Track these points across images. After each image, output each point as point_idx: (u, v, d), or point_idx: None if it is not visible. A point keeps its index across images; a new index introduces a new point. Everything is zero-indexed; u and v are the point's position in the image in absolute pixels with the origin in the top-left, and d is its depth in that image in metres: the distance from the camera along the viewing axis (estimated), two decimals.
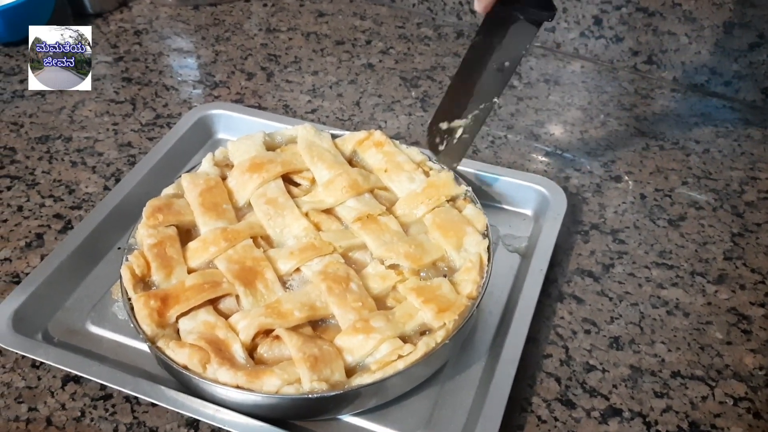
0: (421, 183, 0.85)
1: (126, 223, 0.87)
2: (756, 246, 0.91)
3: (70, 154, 1.03)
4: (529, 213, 0.94)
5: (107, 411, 0.71)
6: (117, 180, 0.98)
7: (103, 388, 0.73)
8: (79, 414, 0.71)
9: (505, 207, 0.95)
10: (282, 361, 0.67)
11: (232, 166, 0.88)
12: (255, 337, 0.69)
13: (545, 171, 1.02)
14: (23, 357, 0.75)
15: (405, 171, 0.86)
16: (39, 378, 0.74)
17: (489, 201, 0.94)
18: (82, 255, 0.84)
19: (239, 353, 0.67)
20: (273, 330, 0.69)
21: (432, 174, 0.87)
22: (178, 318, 0.71)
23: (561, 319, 0.81)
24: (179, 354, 0.67)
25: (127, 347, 0.77)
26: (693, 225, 0.94)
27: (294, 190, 0.86)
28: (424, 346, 0.67)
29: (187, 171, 0.87)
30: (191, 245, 0.78)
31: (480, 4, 0.72)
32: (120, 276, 0.74)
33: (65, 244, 0.83)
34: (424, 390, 0.73)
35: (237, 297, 0.73)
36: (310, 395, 0.64)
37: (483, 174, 0.93)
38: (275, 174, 0.84)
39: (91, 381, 0.72)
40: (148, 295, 0.71)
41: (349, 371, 0.67)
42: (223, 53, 1.28)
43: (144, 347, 0.76)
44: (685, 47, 1.16)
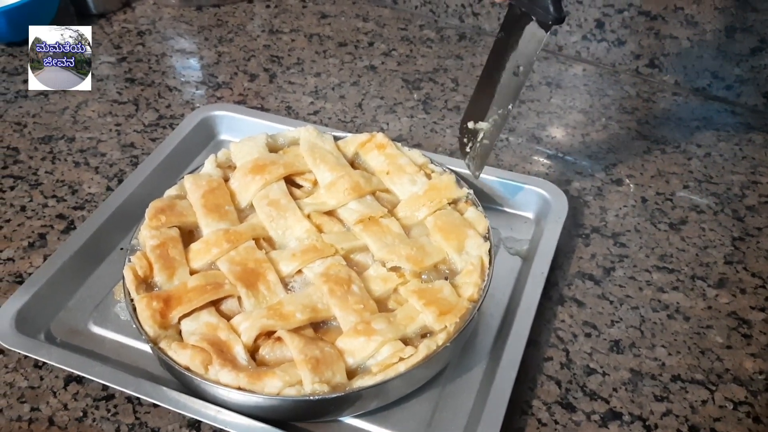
0: (423, 185, 0.85)
1: (129, 224, 0.87)
2: (757, 250, 0.91)
3: (73, 154, 1.04)
4: (531, 216, 0.94)
5: (109, 411, 0.71)
6: (120, 181, 0.98)
7: (105, 388, 0.73)
8: (82, 414, 0.71)
9: (507, 210, 0.95)
10: (283, 363, 0.67)
11: (234, 167, 0.88)
12: (257, 339, 0.69)
13: (547, 174, 1.02)
14: (26, 357, 0.75)
15: (407, 173, 0.87)
16: (41, 378, 0.74)
17: (490, 204, 0.94)
18: (84, 255, 0.84)
19: (241, 355, 0.68)
20: (275, 332, 0.69)
21: (434, 176, 0.87)
22: (180, 319, 0.71)
23: (562, 322, 0.81)
24: (181, 355, 0.67)
25: (129, 348, 0.77)
26: (694, 229, 0.94)
27: (296, 191, 0.86)
28: (425, 348, 0.67)
29: (190, 172, 0.87)
30: (193, 246, 0.78)
31: None
32: (122, 277, 0.74)
33: (68, 244, 0.84)
34: (424, 392, 0.73)
35: (239, 298, 0.73)
36: (311, 397, 0.64)
37: (484, 177, 0.93)
38: (278, 176, 0.85)
39: (94, 381, 0.72)
40: (150, 297, 0.71)
41: (351, 373, 0.68)
42: (226, 54, 1.28)
43: (146, 348, 0.76)
44: (687, 51, 1.16)
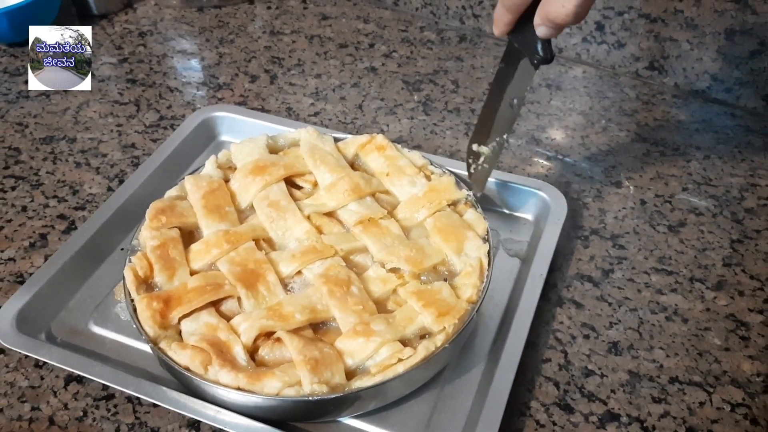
0: (423, 187, 0.85)
1: (129, 225, 0.88)
2: (755, 253, 0.91)
3: (74, 154, 1.04)
4: (530, 218, 0.94)
5: (109, 411, 0.72)
6: (121, 181, 0.99)
7: (106, 388, 0.73)
8: (82, 414, 0.71)
9: (506, 211, 0.96)
10: (283, 364, 0.68)
11: (235, 168, 0.88)
12: (256, 339, 0.70)
13: (546, 176, 1.02)
14: (26, 357, 0.75)
15: (406, 175, 0.87)
16: (42, 378, 0.74)
17: (490, 205, 0.95)
18: (85, 256, 0.84)
19: (240, 355, 0.68)
20: (274, 332, 0.70)
21: (433, 178, 0.87)
22: (180, 319, 0.71)
23: (560, 324, 0.82)
24: (181, 355, 0.67)
25: (130, 348, 0.78)
26: (693, 231, 0.94)
27: (296, 193, 0.86)
28: (423, 349, 0.68)
29: (191, 173, 0.87)
30: (194, 247, 0.78)
31: (496, 29, 0.73)
32: (123, 277, 0.74)
33: (69, 244, 0.84)
34: (423, 393, 0.73)
35: (239, 299, 0.73)
36: (310, 397, 0.64)
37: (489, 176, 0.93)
38: (278, 177, 0.85)
39: (94, 381, 0.72)
40: (150, 297, 0.71)
41: (350, 374, 0.68)
42: (227, 55, 1.28)
43: (146, 348, 0.77)
44: (687, 54, 1.16)
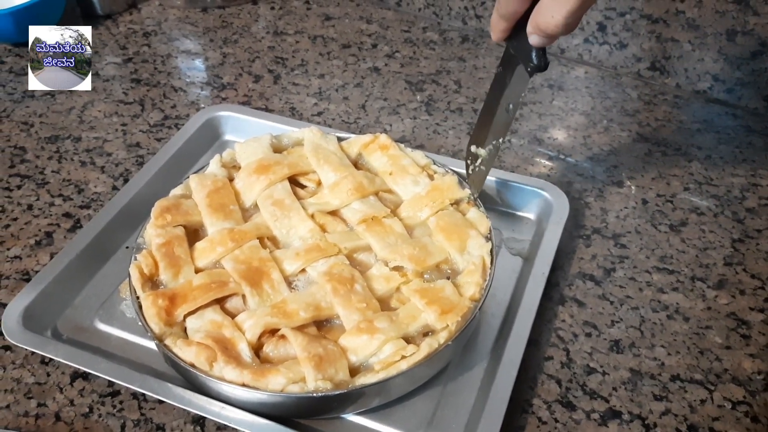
0: (426, 186, 0.86)
1: (134, 223, 0.88)
2: (756, 252, 0.92)
3: (79, 153, 1.05)
4: (532, 217, 0.95)
5: (115, 407, 0.72)
6: (125, 180, 0.99)
7: (111, 384, 0.74)
8: (87, 410, 0.72)
9: (508, 210, 0.96)
10: (287, 360, 0.68)
11: (239, 167, 0.89)
12: (261, 336, 0.70)
13: (548, 175, 1.03)
14: (33, 353, 0.76)
15: (409, 174, 0.87)
16: (48, 374, 0.75)
17: (492, 204, 0.95)
18: (90, 254, 0.85)
19: (245, 352, 0.69)
20: (278, 329, 0.70)
21: (436, 177, 0.88)
22: (185, 317, 0.72)
23: (562, 322, 0.82)
24: (186, 352, 0.68)
25: (135, 345, 0.78)
26: (694, 230, 0.95)
27: (300, 192, 0.87)
28: (427, 347, 0.68)
29: (195, 172, 0.88)
30: (199, 245, 0.79)
31: (493, 35, 0.73)
32: (128, 275, 0.75)
33: (74, 242, 0.84)
34: (426, 390, 0.74)
35: (243, 297, 0.74)
36: (314, 394, 0.65)
37: (487, 178, 0.93)
38: (282, 176, 0.85)
39: (99, 378, 0.73)
40: (156, 294, 0.72)
41: (353, 371, 0.68)
42: (231, 55, 1.29)
43: (151, 345, 0.77)
44: (689, 54, 1.17)
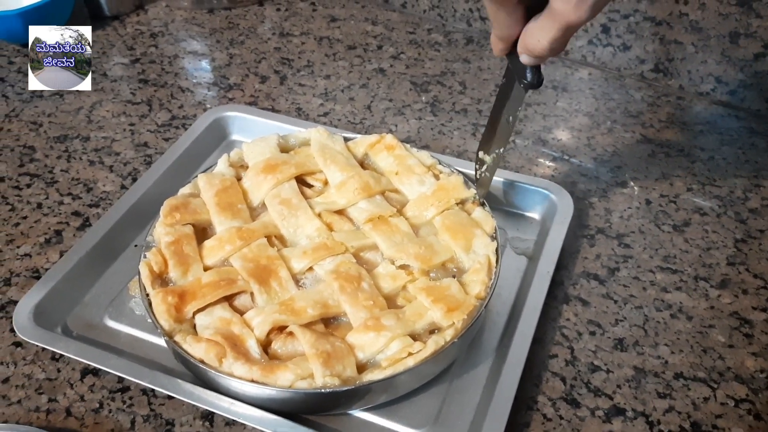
0: (431, 186, 0.87)
1: (142, 222, 0.89)
2: (759, 252, 0.92)
3: (88, 153, 1.06)
4: (537, 216, 0.96)
5: (125, 403, 0.73)
6: (134, 179, 1.00)
7: (121, 380, 0.75)
8: (98, 405, 0.73)
9: (513, 210, 0.97)
10: (295, 357, 0.69)
11: (246, 167, 0.89)
12: (269, 333, 0.71)
13: (552, 176, 1.04)
14: (43, 349, 0.77)
15: (415, 174, 0.88)
16: (59, 370, 0.76)
17: (497, 204, 0.96)
18: (99, 252, 0.86)
19: (254, 348, 0.69)
20: (287, 326, 0.71)
21: (442, 177, 0.89)
22: (194, 314, 0.73)
23: (567, 321, 0.83)
24: (196, 348, 0.69)
25: (144, 341, 0.79)
26: (697, 230, 0.95)
27: (307, 191, 0.87)
28: (433, 344, 0.69)
29: (203, 171, 0.89)
30: (207, 243, 0.80)
31: (494, 51, 0.74)
32: (138, 272, 0.76)
33: (83, 241, 0.85)
34: (432, 387, 0.75)
35: (252, 294, 0.75)
36: (322, 390, 0.66)
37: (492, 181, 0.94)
38: (289, 175, 0.86)
39: (109, 374, 0.74)
40: (165, 291, 0.73)
41: (361, 367, 0.69)
42: (237, 56, 1.30)
43: (160, 341, 0.78)
44: (692, 56, 1.18)
